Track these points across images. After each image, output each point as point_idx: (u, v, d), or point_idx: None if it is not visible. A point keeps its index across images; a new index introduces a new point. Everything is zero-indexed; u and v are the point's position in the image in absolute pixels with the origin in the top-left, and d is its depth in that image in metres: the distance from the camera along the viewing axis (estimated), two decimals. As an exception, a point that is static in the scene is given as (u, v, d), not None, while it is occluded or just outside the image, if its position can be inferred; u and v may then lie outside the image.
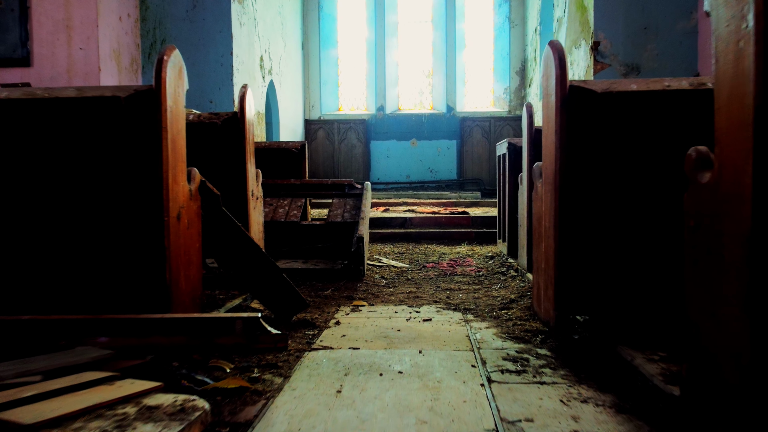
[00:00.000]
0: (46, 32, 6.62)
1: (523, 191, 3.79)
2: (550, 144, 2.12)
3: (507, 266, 4.13)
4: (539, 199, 2.32)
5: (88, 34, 6.68)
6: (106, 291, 2.11)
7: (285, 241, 4.20)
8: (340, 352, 2.21)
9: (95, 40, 6.67)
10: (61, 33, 6.65)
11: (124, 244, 2.12)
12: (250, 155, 3.07)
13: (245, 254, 2.54)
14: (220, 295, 2.95)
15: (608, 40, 7.20)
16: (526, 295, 3.17)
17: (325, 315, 2.86)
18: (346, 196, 4.50)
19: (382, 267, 4.32)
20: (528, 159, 3.66)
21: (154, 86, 2.09)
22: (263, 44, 8.91)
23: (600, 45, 7.22)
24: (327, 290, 3.46)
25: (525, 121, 3.69)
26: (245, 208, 3.02)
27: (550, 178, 2.14)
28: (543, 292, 2.30)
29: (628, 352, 1.85)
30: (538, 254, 2.37)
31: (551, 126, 2.11)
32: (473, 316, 2.81)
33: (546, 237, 2.22)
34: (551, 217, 2.13)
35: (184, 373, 1.81)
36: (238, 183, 3.02)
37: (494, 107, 12.10)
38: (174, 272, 2.13)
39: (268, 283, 2.63)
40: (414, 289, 3.52)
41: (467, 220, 6.55)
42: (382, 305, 3.08)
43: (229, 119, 3.00)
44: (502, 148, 4.69)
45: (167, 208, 2.09)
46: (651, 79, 2.04)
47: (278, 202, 4.40)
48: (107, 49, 6.80)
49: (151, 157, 2.08)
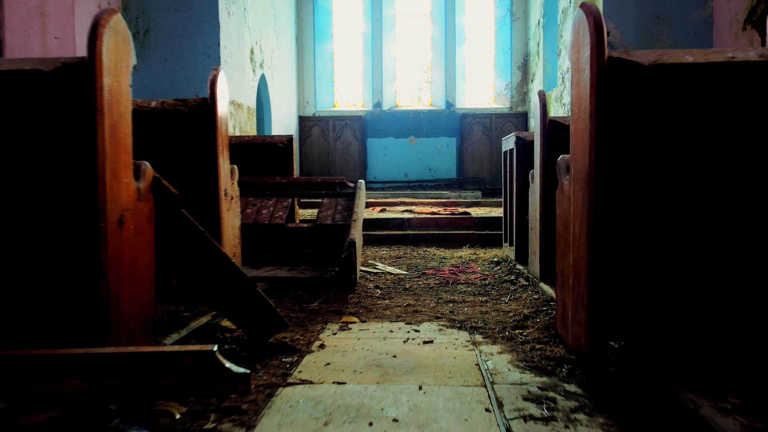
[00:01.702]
0: (19, 20, 6.18)
1: (535, 190, 3.37)
2: (583, 131, 1.70)
3: (516, 274, 3.71)
4: (566, 200, 1.91)
5: (64, 22, 6.25)
6: (25, 317, 1.69)
7: (269, 245, 3.78)
8: (322, 389, 1.79)
9: (71, 29, 6.24)
10: (35, 21, 6.21)
11: (50, 257, 1.69)
12: (223, 148, 2.64)
13: (210, 265, 2.11)
14: (186, 311, 2.53)
15: (618, 30, 6.79)
16: (541, 310, 2.75)
17: (308, 335, 2.43)
18: (337, 195, 4.08)
19: (376, 274, 3.90)
20: (541, 154, 3.25)
21: (87, 57, 1.66)
22: (254, 36, 8.48)
23: (610, 35, 6.81)
24: (313, 303, 3.04)
25: (537, 111, 3.27)
26: (216, 210, 2.60)
27: (582, 172, 1.73)
28: (571, 314, 1.88)
29: (689, 397, 1.43)
30: (564, 266, 1.95)
31: (584, 108, 1.69)
32: (482, 336, 2.39)
33: (575, 246, 1.80)
34: (583, 222, 1.71)
35: (113, 427, 1.39)
36: (208, 181, 2.60)
37: (495, 103, 11.68)
38: (113, 291, 1.71)
39: (239, 300, 2.21)
40: (412, 301, 3.10)
41: (469, 222, 6.13)
42: (375, 322, 2.66)
43: (198, 106, 2.58)
44: (509, 143, 4.27)
45: (104, 211, 1.67)
46: (708, 50, 1.62)
47: (262, 203, 3.97)
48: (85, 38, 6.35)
49: (84, 147, 1.66)
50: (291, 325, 2.57)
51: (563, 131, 3.22)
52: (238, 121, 7.74)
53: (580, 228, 1.74)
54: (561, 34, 8.77)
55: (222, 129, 2.65)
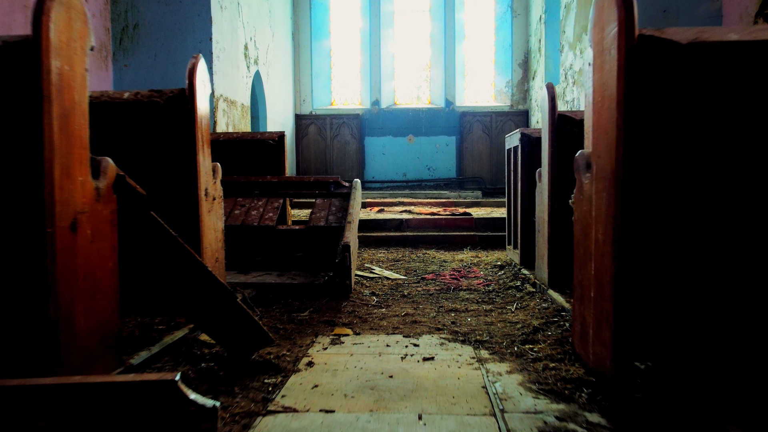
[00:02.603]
0: (2, 13, 5.93)
1: (543, 189, 3.14)
2: (608, 122, 1.47)
3: (521, 279, 3.48)
4: (586, 201, 1.67)
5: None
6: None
7: (258, 249, 3.54)
8: (307, 419, 1.55)
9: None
10: (17, 14, 5.95)
11: (-10, 267, 1.46)
12: (203, 144, 2.41)
13: (184, 275, 1.88)
14: (161, 324, 2.29)
15: (624, 24, 6.56)
16: (552, 321, 2.52)
17: (296, 350, 2.20)
18: (331, 195, 3.84)
19: (373, 279, 3.67)
20: (549, 150, 3.02)
21: (31, 35, 1.42)
22: (248, 31, 8.24)
23: (615, 30, 6.59)
24: (304, 312, 2.81)
25: (545, 105, 3.04)
26: (196, 212, 2.36)
27: (606, 170, 1.49)
28: (592, 331, 1.65)
29: (741, 436, 1.20)
30: (583, 276, 1.72)
31: (609, 96, 1.46)
32: (488, 352, 2.16)
33: (598, 254, 1.57)
34: (608, 226, 1.48)
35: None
36: (187, 180, 2.36)
37: (495, 101, 11.45)
38: (65, 306, 1.48)
39: (217, 313, 1.98)
40: (411, 309, 2.87)
41: (470, 222, 5.90)
42: (370, 334, 2.43)
43: (175, 98, 2.34)
44: (513, 140, 4.04)
45: (52, 214, 1.43)
46: (754, 27, 1.39)
47: (251, 203, 3.74)
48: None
49: (29, 139, 1.42)
50: (277, 338, 2.34)
51: (573, 126, 2.99)
52: (232, 118, 7.50)
53: (604, 233, 1.51)
54: (564, 30, 8.55)
55: (202, 123, 2.41)
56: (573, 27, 8.05)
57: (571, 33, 8.13)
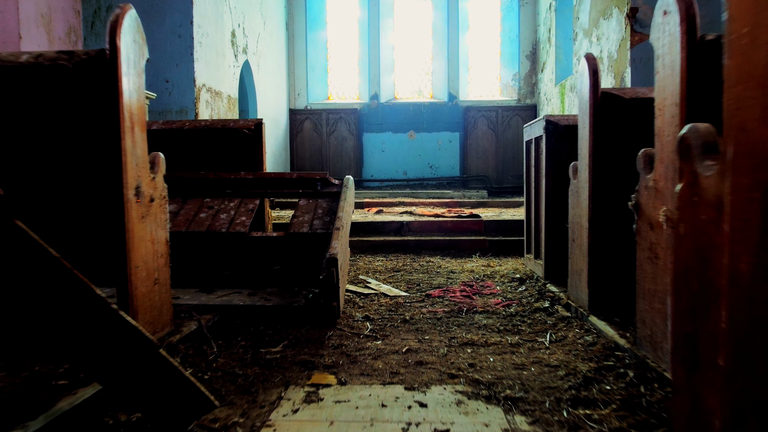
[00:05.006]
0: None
1: (581, 188, 2.50)
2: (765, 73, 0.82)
3: (549, 299, 2.84)
4: (705, 207, 1.02)
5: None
6: None
7: (227, 261, 2.90)
8: None
9: (14, 1, 5.34)
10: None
11: None
12: (134, 126, 1.77)
13: (74, 314, 1.24)
14: (64, 376, 1.64)
15: (648, 5, 5.92)
16: (605, 366, 1.87)
17: (254, 414, 1.56)
18: (318, 195, 3.20)
19: (368, 296, 3.03)
20: (590, 138, 2.37)
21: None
22: (236, 17, 7.59)
23: (639, 12, 5.95)
24: (276, 346, 2.17)
25: (585, 81, 2.39)
26: (120, 219, 1.72)
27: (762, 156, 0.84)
28: (719, 423, 1.00)
29: None
30: (702, 333, 1.07)
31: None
32: (526, 419, 1.51)
33: (741, 297, 0.92)
34: (764, 254, 0.83)
35: None
36: (108, 174, 1.72)
37: (501, 95, 10.79)
38: None
39: (132, 368, 1.34)
40: (415, 342, 2.22)
41: (478, 226, 5.25)
42: (360, 384, 1.79)
43: (90, 61, 1.70)
44: (535, 130, 3.40)
45: None
46: None
47: (221, 205, 3.09)
48: (32, 12, 5.46)
49: None
50: (231, 392, 1.70)
51: (623, 108, 2.34)
52: (217, 110, 6.86)
53: (755, 266, 0.86)
54: (577, 16, 7.89)
55: (131, 98, 1.76)
56: (588, 12, 7.40)
57: (586, 19, 7.48)
